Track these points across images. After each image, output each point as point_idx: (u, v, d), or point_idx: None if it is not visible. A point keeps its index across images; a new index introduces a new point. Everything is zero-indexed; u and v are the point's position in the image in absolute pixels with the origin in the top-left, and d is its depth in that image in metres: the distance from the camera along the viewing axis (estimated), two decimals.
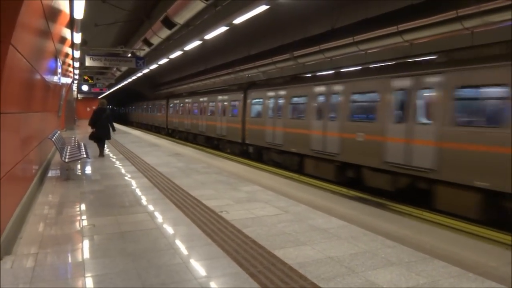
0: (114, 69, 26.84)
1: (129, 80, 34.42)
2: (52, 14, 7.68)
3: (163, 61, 20.78)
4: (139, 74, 29.60)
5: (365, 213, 7.05)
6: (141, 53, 18.12)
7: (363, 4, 12.83)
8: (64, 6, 8.90)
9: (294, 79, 17.84)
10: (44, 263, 4.48)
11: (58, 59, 11.79)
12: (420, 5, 10.76)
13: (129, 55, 18.80)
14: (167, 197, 7.71)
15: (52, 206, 7.18)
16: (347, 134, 12.91)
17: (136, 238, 5.27)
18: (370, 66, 14.31)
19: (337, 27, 14.34)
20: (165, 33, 13.63)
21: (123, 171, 11.02)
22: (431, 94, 10.40)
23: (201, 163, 12.66)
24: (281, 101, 17.26)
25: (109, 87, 42.60)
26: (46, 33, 7.64)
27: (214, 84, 26.71)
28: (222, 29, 12.18)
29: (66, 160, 10.08)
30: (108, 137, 14.10)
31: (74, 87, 33.49)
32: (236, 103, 21.20)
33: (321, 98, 14.66)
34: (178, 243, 5.13)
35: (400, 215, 8.31)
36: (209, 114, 25.18)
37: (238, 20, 10.82)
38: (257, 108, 19.20)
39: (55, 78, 12.06)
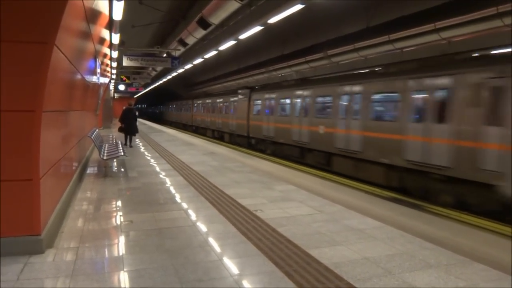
0: (150, 69, 27.31)
1: (164, 79, 34.98)
2: (93, 15, 7.91)
3: (198, 61, 21.02)
4: (174, 74, 30.03)
5: (401, 214, 6.94)
6: (176, 53, 18.38)
7: (399, 1, 12.59)
8: (104, 8, 9.14)
9: (280, 85, 21.32)
10: (84, 256, 4.62)
11: (97, 59, 12.11)
12: (458, 1, 10.47)
13: (165, 55, 19.09)
14: (202, 195, 7.80)
15: (91, 202, 7.40)
16: (314, 128, 16.63)
17: (173, 235, 5.36)
18: (327, 76, 19.20)
19: (372, 25, 14.14)
20: (200, 33, 13.77)
21: (158, 169, 11.22)
22: (359, 97, 13.98)
23: (235, 162, 12.73)
24: (272, 101, 20.77)
25: (145, 86, 43.39)
26: (86, 34, 7.87)
27: (247, 83, 27.71)
28: (257, 28, 12.23)
29: (104, 158, 10.34)
30: (133, 132, 16.46)
31: (112, 87, 34.30)
32: (244, 103, 24.56)
33: (297, 100, 18.25)
34: (214, 240, 5.18)
35: (437, 217, 8.12)
36: (224, 113, 28.73)
37: (272, 20, 10.84)
38: (257, 107, 22.69)
39: (94, 78, 12.40)
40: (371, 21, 14.14)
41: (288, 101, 19.17)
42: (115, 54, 16.21)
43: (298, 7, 9.60)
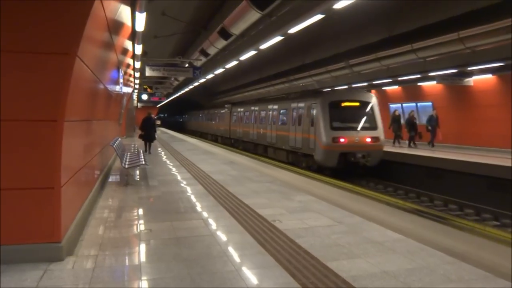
0: (172, 78, 27.61)
1: (186, 89, 35.36)
2: (115, 27, 8.06)
3: (219, 70, 21.19)
4: (196, 84, 30.32)
5: (423, 226, 6.79)
6: (198, 63, 18.56)
7: (422, 10, 12.47)
8: (127, 20, 9.31)
9: (244, 102, 31.45)
10: (103, 264, 4.66)
11: (120, 70, 12.33)
12: (482, 10, 10.31)
13: (187, 65, 19.27)
14: (221, 204, 7.81)
15: (111, 210, 7.48)
16: (257, 130, 25.52)
17: (190, 244, 5.37)
18: (263, 98, 29.42)
19: (394, 34, 14.04)
20: (221, 43, 13.89)
21: (179, 177, 11.30)
22: (274, 111, 22.79)
23: (255, 171, 12.73)
24: (241, 113, 29.94)
25: (167, 96, 43.90)
26: (109, 45, 8.02)
27: (268, 93, 30.16)
28: (277, 38, 12.26)
29: (126, 166, 10.48)
30: (152, 139, 18.17)
31: (134, 96, 34.80)
32: (226, 113, 34.62)
33: (251, 113, 27.20)
34: (231, 250, 5.17)
35: (460, 230, 7.93)
36: (217, 121, 39.08)
37: (293, 30, 10.87)
38: (234, 117, 32.10)
39: (117, 88, 12.61)
40: (394, 30, 14.04)
41: (247, 113, 28.18)
42: (138, 65, 16.49)
43: (318, 17, 9.60)
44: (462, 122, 19.82)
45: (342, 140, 16.53)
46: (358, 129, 16.96)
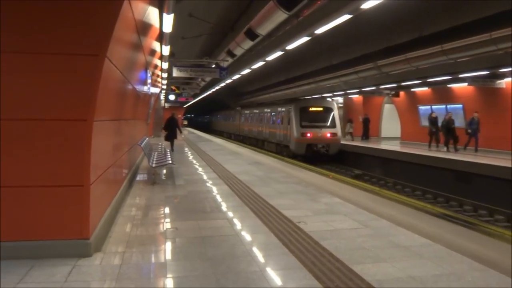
0: (199, 79, 27.86)
1: (212, 90, 35.64)
2: (144, 28, 8.19)
3: (245, 71, 21.25)
4: (222, 84, 30.52)
5: (451, 232, 6.63)
6: (225, 64, 18.65)
7: (453, 10, 12.19)
8: (154, 21, 9.45)
9: (249, 106, 39.33)
10: (130, 261, 4.74)
11: (148, 70, 12.51)
12: None
13: (213, 65, 19.41)
14: (246, 204, 7.83)
15: (139, 208, 7.61)
16: (258, 128, 32.82)
17: (215, 243, 5.41)
18: (261, 103, 36.64)
19: (424, 35, 13.77)
20: (247, 44, 13.92)
21: (205, 177, 11.39)
22: (272, 114, 29.42)
23: (280, 172, 12.71)
24: (247, 115, 37.61)
25: (194, 96, 44.27)
26: (137, 46, 8.16)
27: (294, 93, 30.33)
28: (304, 39, 12.21)
29: (153, 165, 10.63)
30: (174, 139, 19.00)
31: (162, 97, 35.24)
32: (237, 115, 43.04)
33: (253, 115, 34.97)
34: (256, 250, 5.18)
35: (489, 237, 7.72)
36: (230, 121, 47.71)
37: (320, 30, 10.79)
38: (245, 117, 38.55)
39: (145, 88, 12.81)
40: (424, 31, 13.77)
41: (251, 115, 35.73)
42: (165, 65, 16.67)
43: (346, 17, 9.51)
44: (494, 125, 19.21)
45: (308, 135, 23.39)
46: (320, 127, 23.68)
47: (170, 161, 11.35)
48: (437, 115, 20.05)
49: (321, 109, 24.51)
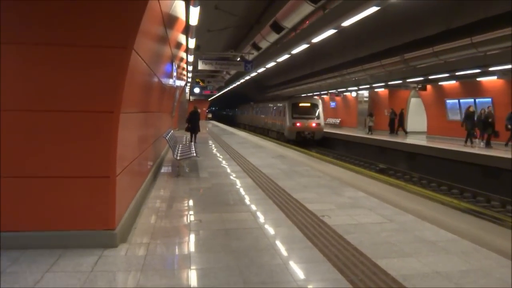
0: (224, 72, 27.97)
1: (237, 83, 35.74)
2: (170, 21, 8.23)
3: (270, 64, 21.18)
4: (247, 78, 30.56)
5: (479, 227, 6.49)
6: (250, 57, 18.65)
7: (482, 2, 11.84)
8: (181, 14, 9.49)
9: (258, 101, 47.53)
10: (155, 252, 4.80)
11: (173, 63, 12.59)
12: None
13: (238, 59, 19.42)
14: (270, 198, 7.83)
15: (163, 200, 7.69)
16: (264, 119, 39.60)
17: (239, 236, 5.42)
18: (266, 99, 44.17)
19: (452, 27, 13.44)
20: (273, 37, 13.88)
21: (229, 170, 11.43)
22: (270, 108, 37.76)
23: (304, 166, 12.65)
24: (258, 109, 44.30)
25: (219, 89, 44.47)
26: (164, 39, 8.21)
27: (320, 87, 31.12)
28: (330, 32, 12.06)
29: (178, 158, 10.72)
30: (196, 131, 18.97)
31: (187, 89, 35.50)
32: (250, 108, 50.02)
33: (261, 109, 42.01)
34: (279, 244, 5.18)
35: None
36: (245, 114, 54.48)
37: (346, 23, 10.64)
38: (255, 110, 45.73)
39: (170, 81, 12.90)
40: (452, 23, 13.45)
41: (260, 109, 42.27)
42: (191, 58, 16.77)
43: (373, 9, 9.34)
44: None
45: (298, 124, 29.76)
46: (308, 118, 29.94)
47: (194, 154, 11.43)
48: (474, 109, 19.25)
49: (308, 104, 31.02)
